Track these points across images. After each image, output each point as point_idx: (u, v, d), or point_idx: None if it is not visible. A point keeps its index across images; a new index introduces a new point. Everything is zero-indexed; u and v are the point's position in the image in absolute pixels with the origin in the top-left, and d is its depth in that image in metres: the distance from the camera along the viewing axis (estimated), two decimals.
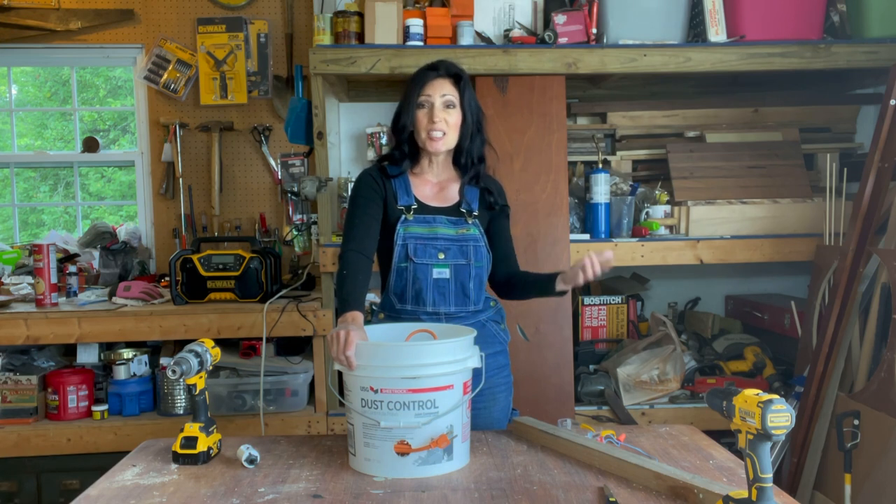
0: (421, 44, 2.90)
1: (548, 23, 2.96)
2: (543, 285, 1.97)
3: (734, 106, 3.34)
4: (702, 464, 1.67)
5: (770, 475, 1.25)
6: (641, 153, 3.27)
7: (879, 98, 2.82)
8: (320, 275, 2.95)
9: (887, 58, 2.89)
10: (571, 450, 1.72)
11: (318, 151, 2.93)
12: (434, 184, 2.05)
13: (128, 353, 2.96)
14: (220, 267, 2.92)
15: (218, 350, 1.83)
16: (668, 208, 3.05)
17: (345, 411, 1.79)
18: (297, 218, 3.25)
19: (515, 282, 2.07)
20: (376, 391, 1.59)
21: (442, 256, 1.96)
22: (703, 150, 3.14)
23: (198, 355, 1.73)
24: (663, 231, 3.01)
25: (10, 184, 3.83)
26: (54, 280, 2.93)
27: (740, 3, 2.94)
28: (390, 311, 2.02)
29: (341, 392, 1.71)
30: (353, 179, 3.20)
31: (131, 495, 1.52)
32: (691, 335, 3.31)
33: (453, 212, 2.01)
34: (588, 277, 1.82)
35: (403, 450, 1.59)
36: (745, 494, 1.29)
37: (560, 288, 1.92)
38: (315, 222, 3.05)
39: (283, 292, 2.99)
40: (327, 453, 1.77)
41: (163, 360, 2.95)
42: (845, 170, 2.89)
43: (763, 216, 3.01)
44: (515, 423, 1.93)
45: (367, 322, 1.87)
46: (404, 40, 2.91)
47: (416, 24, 2.90)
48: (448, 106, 1.97)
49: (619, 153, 3.26)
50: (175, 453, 1.71)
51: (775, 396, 1.23)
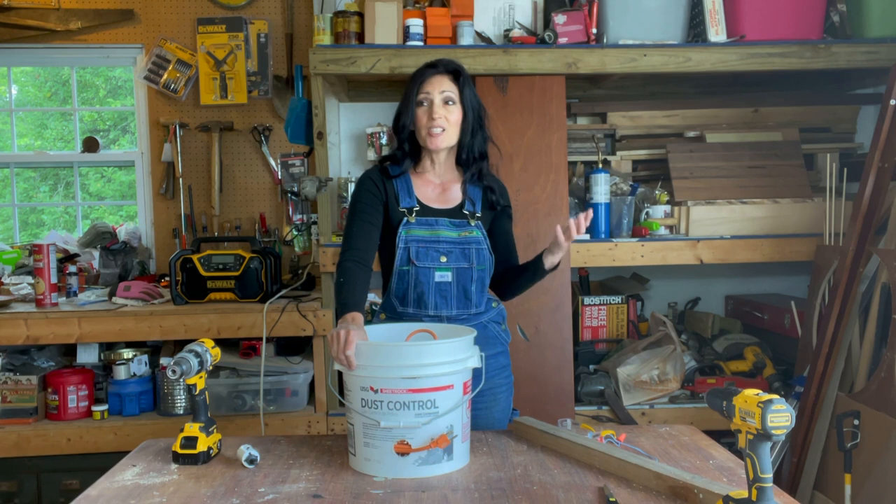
0: (421, 44, 2.90)
1: (548, 23, 2.96)
2: (534, 265, 1.96)
3: (734, 106, 3.34)
4: (702, 464, 1.67)
5: (770, 475, 1.24)
6: (641, 153, 3.27)
7: (879, 98, 2.81)
8: (320, 275, 2.95)
9: (887, 58, 2.89)
10: (571, 450, 1.72)
11: (318, 151, 2.93)
12: (437, 185, 2.03)
13: (128, 353, 2.96)
14: (220, 267, 2.92)
15: (218, 350, 1.83)
16: (668, 208, 3.06)
17: (345, 411, 1.79)
18: (297, 218, 3.25)
19: (508, 276, 2.06)
20: (376, 391, 1.59)
21: (444, 259, 1.94)
22: (703, 150, 3.14)
23: (198, 355, 1.73)
24: (663, 231, 3.01)
25: (10, 184, 3.83)
26: (54, 280, 2.93)
27: (740, 3, 2.94)
28: (391, 314, 2.01)
29: (341, 392, 1.71)
30: (354, 179, 3.26)
31: (131, 495, 1.52)
32: (691, 335, 3.31)
33: (456, 213, 1.99)
34: (572, 236, 1.86)
35: (403, 450, 1.59)
36: (745, 494, 1.29)
37: (549, 261, 1.92)
38: (315, 222, 3.05)
39: (283, 292, 2.99)
40: (327, 453, 1.77)
41: (163, 360, 2.95)
42: (845, 170, 2.90)
43: (763, 216, 3.01)
44: (515, 423, 1.93)
45: (368, 322, 1.86)
46: (404, 40, 2.91)
47: (416, 24, 2.90)
48: (447, 102, 1.94)
49: (619, 153, 3.26)
50: (175, 453, 1.71)
51: (775, 396, 1.23)
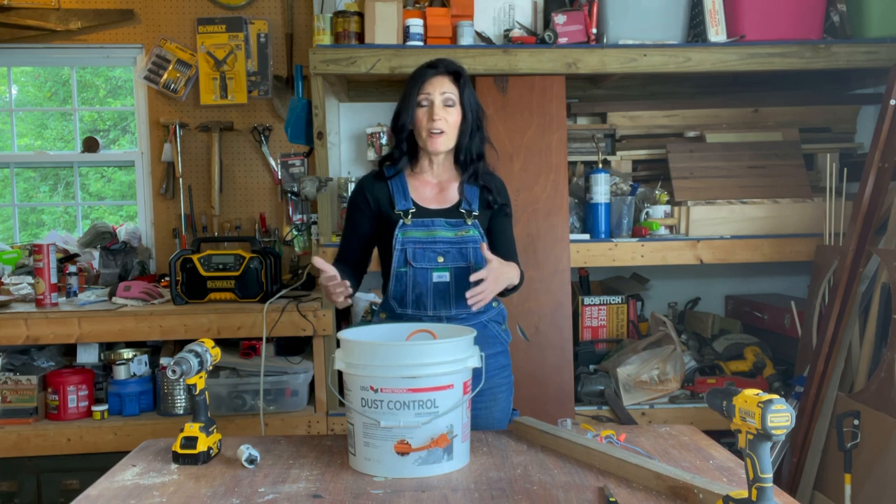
0: (421, 44, 2.90)
1: (548, 23, 2.96)
2: None
3: (734, 106, 3.33)
4: (702, 464, 1.67)
5: (770, 475, 1.24)
6: (641, 153, 3.27)
7: (879, 98, 2.81)
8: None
9: (887, 58, 2.89)
10: (571, 450, 1.72)
11: (318, 151, 2.93)
12: (434, 184, 2.03)
13: (128, 353, 2.96)
14: (220, 267, 2.92)
15: (218, 350, 1.82)
16: (668, 208, 3.05)
17: (345, 411, 1.79)
18: (297, 218, 3.25)
19: None
20: (376, 391, 1.59)
21: (441, 260, 1.95)
22: (703, 150, 3.14)
23: (198, 355, 1.73)
24: (663, 231, 3.01)
25: (10, 184, 3.83)
26: (54, 280, 2.93)
27: (740, 3, 2.94)
28: (391, 314, 2.02)
29: (341, 392, 1.71)
30: (354, 180, 3.27)
31: (131, 495, 1.52)
32: (691, 335, 3.31)
33: (452, 213, 1.99)
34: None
35: (403, 449, 1.59)
36: (745, 494, 1.29)
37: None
38: (315, 222, 3.05)
39: (283, 292, 2.99)
40: (327, 453, 1.77)
41: (163, 360, 2.95)
42: (845, 170, 2.90)
43: (763, 216, 3.01)
44: (515, 423, 1.93)
45: (367, 322, 1.87)
46: (404, 40, 2.91)
47: (416, 24, 2.90)
48: (448, 104, 1.95)
49: (619, 153, 3.26)
50: (175, 453, 1.71)
51: (775, 396, 1.23)
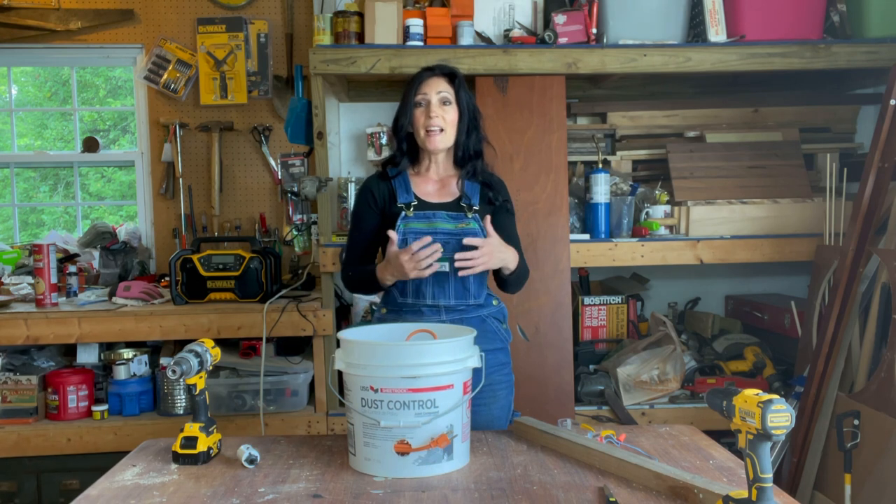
0: (421, 44, 2.90)
1: (548, 23, 2.96)
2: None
3: (734, 106, 3.33)
4: (702, 464, 1.67)
5: (770, 475, 1.24)
6: (641, 153, 3.27)
7: (879, 98, 2.81)
8: (320, 275, 2.95)
9: (887, 58, 2.89)
10: (571, 450, 1.72)
11: (318, 151, 2.93)
12: (435, 181, 2.10)
13: (128, 353, 2.96)
14: (220, 267, 2.92)
15: (218, 350, 1.83)
16: (668, 208, 3.05)
17: (345, 411, 1.79)
18: (297, 218, 3.25)
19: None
20: (376, 391, 1.59)
21: (441, 250, 1.98)
22: (703, 150, 3.14)
23: (198, 355, 1.73)
24: (663, 231, 3.01)
25: (10, 184, 3.83)
26: (54, 280, 2.93)
27: (740, 3, 2.94)
28: (392, 306, 2.06)
29: (341, 392, 1.71)
30: (354, 179, 3.27)
31: (131, 495, 1.52)
32: (691, 335, 3.31)
33: (454, 207, 2.05)
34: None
35: (403, 449, 1.59)
36: (745, 494, 1.29)
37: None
38: (315, 222, 3.05)
39: (283, 292, 2.99)
40: (327, 453, 1.77)
41: (163, 360, 2.95)
42: (845, 170, 2.89)
43: (763, 216, 3.01)
44: (515, 423, 1.93)
45: (367, 322, 1.88)
46: (404, 40, 2.91)
47: (416, 24, 2.90)
48: (444, 103, 2.02)
49: (619, 153, 3.26)
50: (175, 453, 1.71)
51: (775, 396, 1.23)
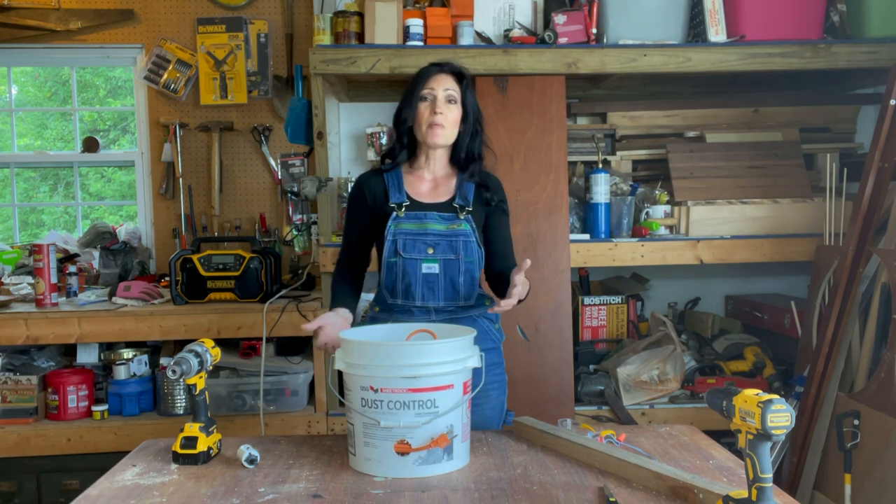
0: (421, 44, 2.90)
1: (548, 23, 2.96)
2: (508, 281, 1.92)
3: (734, 106, 3.33)
4: (702, 464, 1.67)
5: (770, 475, 1.24)
6: (641, 153, 3.27)
7: (879, 98, 2.81)
8: (320, 275, 2.95)
9: (887, 58, 2.89)
10: (571, 450, 1.72)
11: (318, 151, 2.93)
12: (429, 180, 2.07)
13: (128, 353, 2.96)
14: (220, 267, 2.92)
15: (218, 350, 1.83)
16: (668, 208, 3.05)
17: (345, 411, 1.79)
18: (297, 218, 3.25)
19: (502, 281, 2.03)
20: (376, 391, 1.59)
21: (431, 251, 1.98)
22: (703, 150, 3.14)
23: (198, 355, 1.73)
24: (663, 231, 3.01)
25: (10, 184, 3.83)
26: (54, 280, 2.93)
27: (740, 3, 2.94)
28: (383, 306, 2.06)
29: (341, 392, 1.71)
30: (353, 180, 3.24)
31: (131, 495, 1.52)
32: (691, 335, 3.31)
33: (446, 207, 2.03)
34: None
35: (403, 449, 1.59)
36: (745, 494, 1.29)
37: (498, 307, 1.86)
38: (315, 222, 3.05)
39: (283, 292, 2.99)
40: (327, 453, 1.77)
41: (163, 360, 2.95)
42: (845, 170, 2.89)
43: (763, 216, 3.01)
44: (515, 424, 1.93)
45: (363, 321, 1.89)
46: (404, 40, 2.91)
47: (416, 24, 2.90)
48: (450, 101, 2.00)
49: (619, 153, 3.26)
50: (175, 453, 1.71)
51: (775, 396, 1.23)
